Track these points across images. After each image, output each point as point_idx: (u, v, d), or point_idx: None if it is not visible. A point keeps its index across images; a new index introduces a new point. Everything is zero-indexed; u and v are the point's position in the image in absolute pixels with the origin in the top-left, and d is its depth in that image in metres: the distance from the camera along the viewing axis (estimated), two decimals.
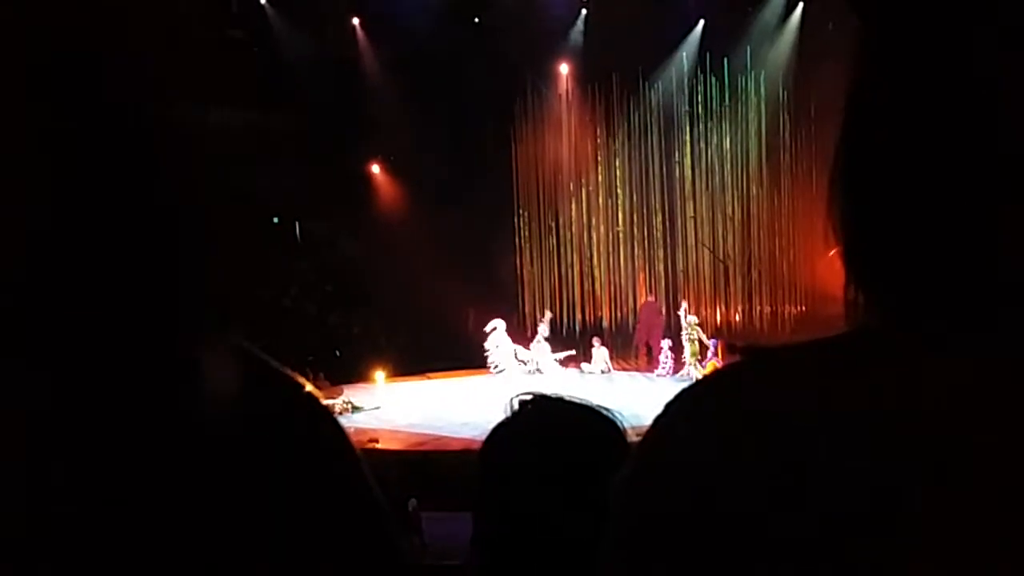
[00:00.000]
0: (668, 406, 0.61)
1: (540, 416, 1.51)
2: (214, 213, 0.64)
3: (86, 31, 0.59)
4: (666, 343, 16.79)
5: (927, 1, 0.57)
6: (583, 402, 1.53)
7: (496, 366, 16.80)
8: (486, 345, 16.97)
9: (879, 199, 0.59)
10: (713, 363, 15.27)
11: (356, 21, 18.88)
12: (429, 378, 17.12)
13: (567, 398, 1.55)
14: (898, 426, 0.53)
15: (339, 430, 0.67)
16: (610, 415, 1.50)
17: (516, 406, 1.51)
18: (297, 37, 17.90)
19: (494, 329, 16.98)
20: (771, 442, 0.55)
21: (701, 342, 16.23)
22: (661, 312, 18.61)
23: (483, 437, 1.55)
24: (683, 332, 16.44)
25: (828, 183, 0.61)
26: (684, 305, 17.02)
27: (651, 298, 19.01)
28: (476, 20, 18.77)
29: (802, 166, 17.82)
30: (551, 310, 19.43)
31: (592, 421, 1.49)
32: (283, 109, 17.90)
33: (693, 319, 16.50)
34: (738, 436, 0.56)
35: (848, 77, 0.61)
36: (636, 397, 14.03)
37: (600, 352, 17.47)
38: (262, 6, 17.98)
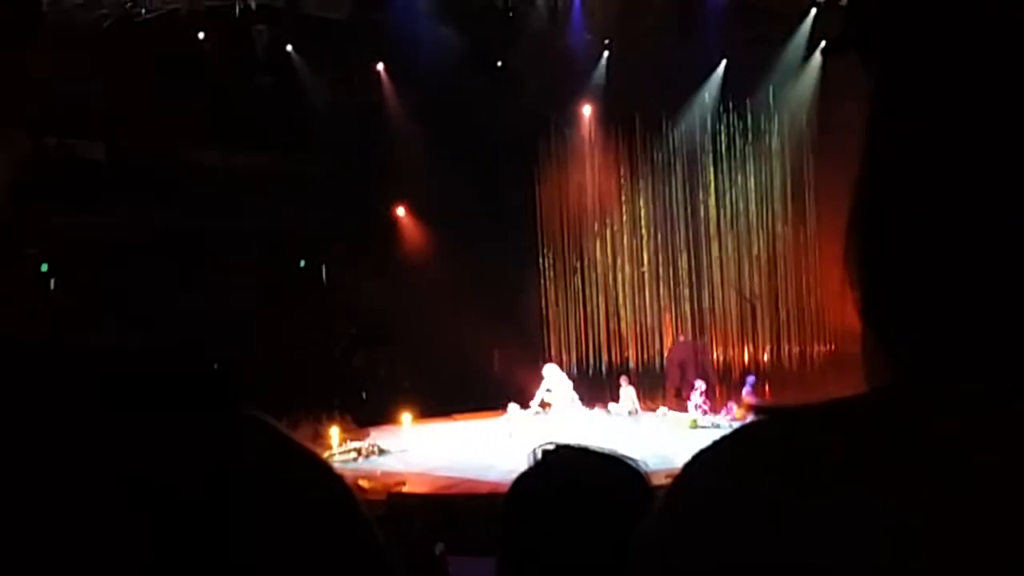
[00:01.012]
0: (691, 463, 0.61)
1: (563, 468, 1.51)
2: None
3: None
4: (700, 384, 16.62)
5: (932, 58, 0.57)
6: (606, 451, 1.53)
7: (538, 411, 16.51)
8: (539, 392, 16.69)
9: (896, 259, 0.59)
10: (748, 402, 15.20)
11: (380, 66, 19.12)
12: (455, 419, 17.05)
13: (590, 447, 1.55)
14: (914, 499, 0.52)
15: (352, 499, 0.67)
16: (634, 464, 1.49)
17: (540, 456, 1.51)
18: (323, 83, 18.15)
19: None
20: (789, 511, 0.54)
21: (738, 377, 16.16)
22: (695, 351, 18.49)
23: (509, 479, 1.55)
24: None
25: (845, 238, 0.61)
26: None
27: (683, 337, 18.90)
28: (499, 63, 18.96)
29: (827, 203, 17.76)
30: (577, 351, 19.40)
31: (615, 471, 1.49)
32: (309, 153, 18.12)
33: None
34: (759, 500, 0.56)
35: (863, 130, 0.61)
36: (664, 438, 13.97)
37: (627, 391, 17.35)
38: (288, 53, 18.25)
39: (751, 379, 16.10)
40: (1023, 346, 0.55)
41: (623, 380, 17.67)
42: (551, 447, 1.53)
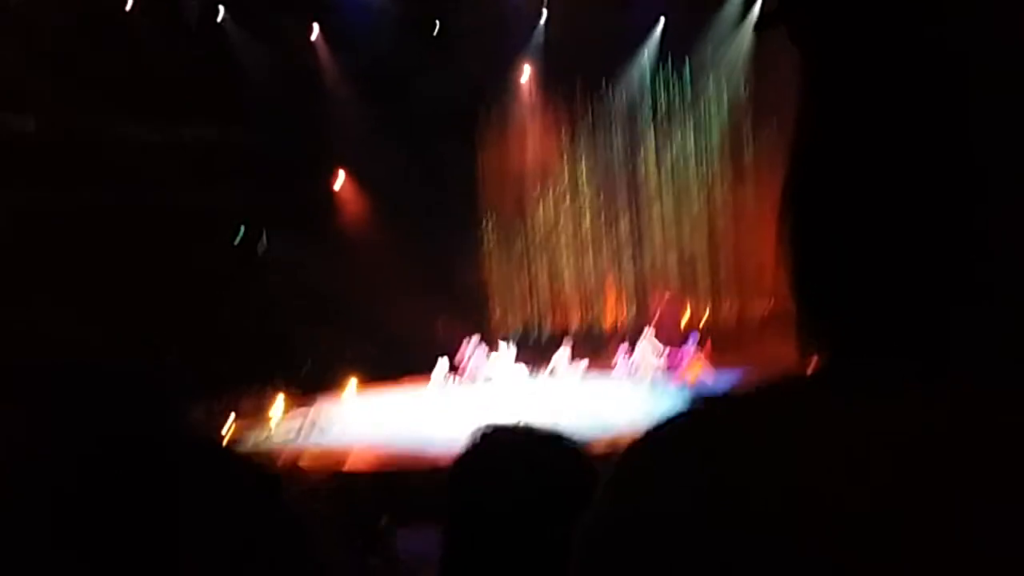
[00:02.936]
0: (627, 458, 0.62)
1: (501, 450, 1.51)
2: None
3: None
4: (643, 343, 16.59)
5: (863, 35, 0.57)
6: (545, 431, 1.54)
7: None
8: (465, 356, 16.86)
9: (823, 237, 0.60)
10: (698, 362, 15.31)
11: (316, 31, 18.84)
12: (400, 384, 17.02)
13: (528, 427, 1.56)
14: (851, 485, 0.53)
15: (274, 496, 0.67)
16: (570, 443, 1.50)
17: (478, 438, 1.53)
18: (257, 50, 17.84)
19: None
20: (726, 509, 0.55)
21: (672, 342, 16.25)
22: (680, 307, 18.60)
23: (452, 451, 1.56)
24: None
25: (778, 214, 0.62)
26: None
27: (668, 293, 18.95)
28: (436, 26, 18.80)
29: (766, 161, 18.00)
30: (521, 315, 19.50)
31: (553, 452, 1.50)
32: (244, 123, 17.85)
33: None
34: (697, 499, 0.56)
35: (795, 105, 0.61)
36: (608, 403, 14.16)
37: (562, 354, 17.28)
38: (222, 19, 17.90)
39: (694, 335, 16.28)
40: (948, 322, 0.56)
41: (565, 342, 17.70)
42: (489, 429, 1.54)
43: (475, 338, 17.14)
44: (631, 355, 16.61)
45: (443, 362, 16.55)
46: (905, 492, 0.52)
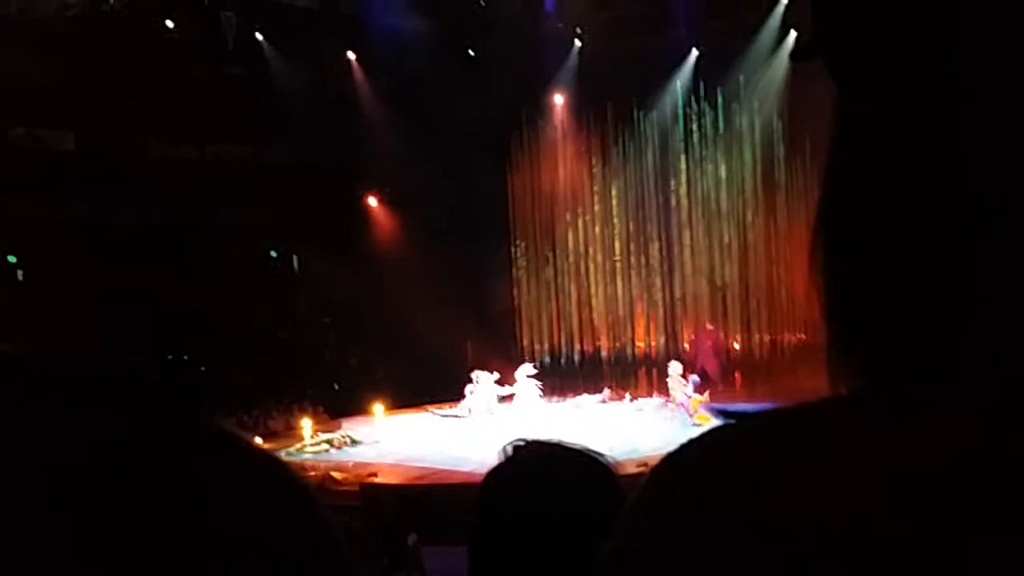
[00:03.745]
0: (656, 477, 0.60)
1: (533, 464, 1.52)
2: None
3: None
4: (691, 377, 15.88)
5: (903, 70, 0.58)
6: (577, 447, 1.55)
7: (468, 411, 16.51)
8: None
9: (860, 263, 0.59)
10: (696, 399, 14.85)
11: (351, 55, 19.02)
12: (427, 410, 17.05)
13: (561, 443, 1.57)
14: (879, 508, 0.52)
15: (314, 506, 0.65)
16: (602, 459, 1.51)
17: (510, 452, 1.53)
18: (293, 72, 18.03)
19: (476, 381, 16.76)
20: (757, 532, 0.54)
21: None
22: (721, 339, 18.41)
23: (482, 471, 1.56)
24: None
25: (811, 237, 0.62)
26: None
27: (710, 326, 18.72)
28: (470, 52, 18.92)
29: (798, 191, 17.88)
30: (549, 341, 19.45)
31: (585, 467, 1.50)
32: (280, 143, 18.01)
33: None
34: (726, 521, 0.55)
35: (829, 135, 0.61)
36: (634, 427, 14.07)
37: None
38: (258, 42, 18.11)
39: (694, 379, 15.73)
40: (990, 348, 0.55)
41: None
42: (522, 443, 1.54)
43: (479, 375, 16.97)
44: (660, 384, 16.43)
45: (481, 377, 16.48)
46: (945, 518, 0.51)
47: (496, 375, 16.57)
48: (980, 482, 0.52)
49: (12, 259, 15.33)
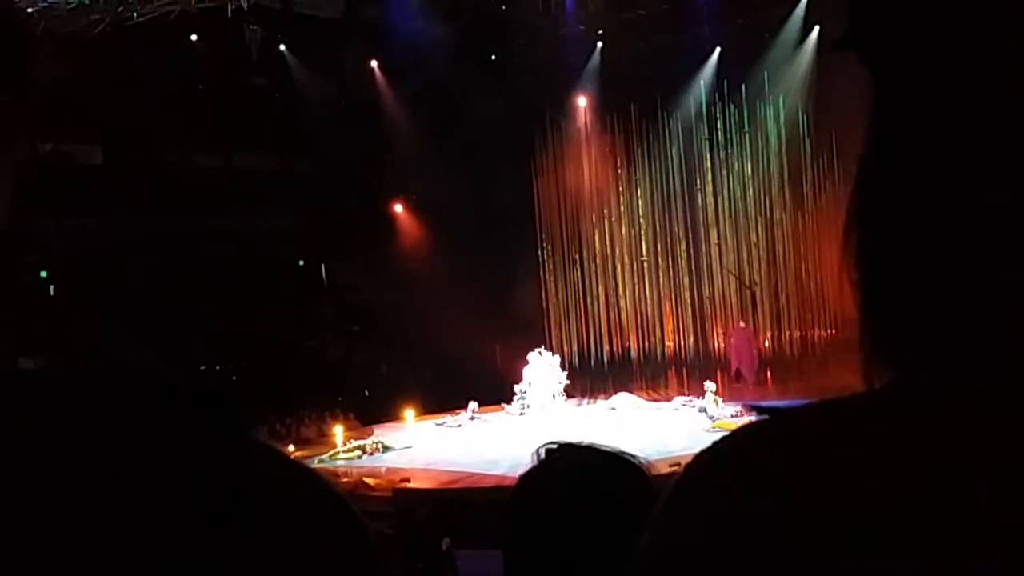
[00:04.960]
0: (687, 476, 0.60)
1: (566, 467, 1.52)
2: None
3: None
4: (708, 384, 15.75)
5: (940, 58, 0.57)
6: (610, 449, 1.54)
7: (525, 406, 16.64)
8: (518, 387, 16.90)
9: (897, 254, 0.59)
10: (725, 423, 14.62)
11: (374, 64, 19.10)
12: (457, 415, 17.07)
13: (593, 445, 1.57)
14: (918, 498, 0.52)
15: (355, 521, 0.66)
16: (634, 460, 1.50)
17: (543, 455, 1.53)
18: (317, 82, 18.14)
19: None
20: (790, 530, 0.54)
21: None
22: (754, 338, 18.39)
23: (514, 474, 1.57)
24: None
25: (844, 229, 0.61)
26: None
27: (743, 324, 18.72)
28: (492, 57, 18.94)
29: (825, 187, 17.77)
30: (578, 342, 19.44)
31: (618, 469, 1.50)
32: (305, 152, 18.12)
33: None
34: (759, 519, 0.55)
35: (864, 128, 0.61)
36: (665, 429, 14.02)
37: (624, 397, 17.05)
38: (282, 53, 18.24)
39: (710, 386, 15.60)
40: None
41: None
42: (554, 446, 1.55)
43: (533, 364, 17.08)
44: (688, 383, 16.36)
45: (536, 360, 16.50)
46: (976, 513, 0.51)
47: (557, 357, 16.72)
48: (1012, 478, 0.51)
49: (43, 273, 15.50)
